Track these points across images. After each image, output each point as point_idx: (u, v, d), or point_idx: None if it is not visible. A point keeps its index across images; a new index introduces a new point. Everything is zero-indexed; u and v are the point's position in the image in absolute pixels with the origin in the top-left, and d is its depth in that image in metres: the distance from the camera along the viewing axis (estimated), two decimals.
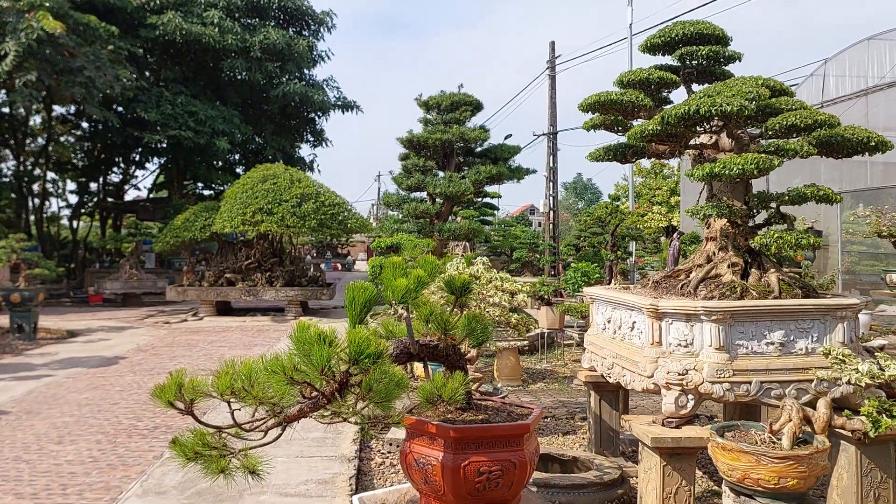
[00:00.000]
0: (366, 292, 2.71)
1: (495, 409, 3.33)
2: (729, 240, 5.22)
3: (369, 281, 17.01)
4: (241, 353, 11.15)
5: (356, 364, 2.31)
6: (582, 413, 7.95)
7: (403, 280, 2.79)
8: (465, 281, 3.06)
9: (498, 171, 13.80)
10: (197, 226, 16.60)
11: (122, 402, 7.75)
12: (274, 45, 22.32)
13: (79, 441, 6.18)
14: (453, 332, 3.01)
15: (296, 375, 2.33)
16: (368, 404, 2.35)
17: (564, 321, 12.63)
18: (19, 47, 15.34)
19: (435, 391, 2.74)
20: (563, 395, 8.86)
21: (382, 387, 2.30)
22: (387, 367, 2.37)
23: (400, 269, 2.87)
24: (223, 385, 2.35)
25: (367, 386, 2.29)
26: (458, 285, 3.06)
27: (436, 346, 3.01)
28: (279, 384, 2.32)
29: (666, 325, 4.73)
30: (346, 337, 2.54)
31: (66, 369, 9.73)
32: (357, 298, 2.71)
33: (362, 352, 2.28)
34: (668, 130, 5.14)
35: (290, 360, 2.37)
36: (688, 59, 6.27)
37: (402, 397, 2.46)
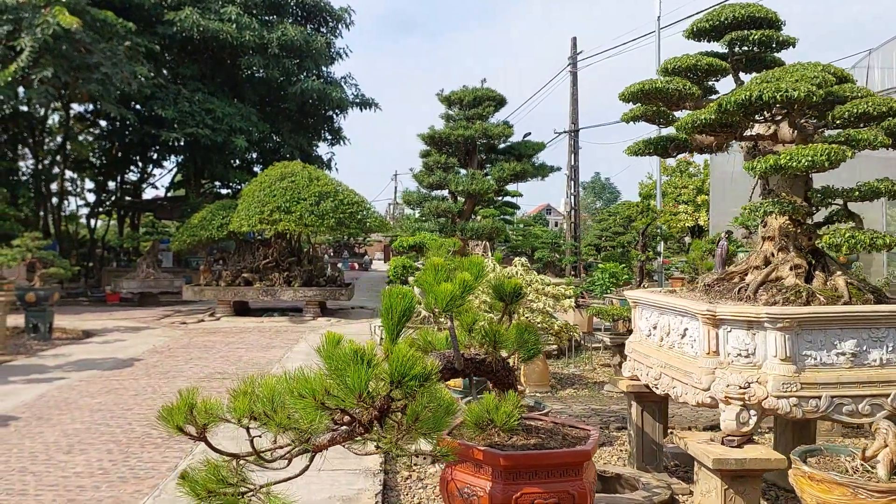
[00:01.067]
0: (404, 299, 2.32)
1: (547, 430, 2.94)
2: (790, 239, 4.78)
3: (389, 281, 16.64)
4: (258, 356, 10.84)
5: (399, 387, 1.93)
6: (617, 422, 7.53)
7: (448, 285, 2.41)
8: (516, 286, 2.67)
9: (522, 169, 13.38)
10: (214, 224, 16.34)
11: (136, 407, 7.43)
12: (292, 42, 22.03)
13: (89, 451, 5.86)
14: (504, 344, 2.62)
15: (328, 401, 1.96)
16: (413, 436, 1.97)
17: (593, 324, 12.20)
18: (35, 43, 15.13)
19: (485, 415, 2.36)
20: (595, 403, 8.44)
21: (431, 415, 1.92)
22: (435, 390, 1.99)
23: (443, 272, 2.48)
24: (241, 408, 2.00)
25: (413, 414, 1.91)
26: (507, 291, 2.67)
27: (482, 360, 2.63)
28: (308, 410, 1.94)
29: (724, 333, 4.31)
30: (385, 353, 2.16)
31: (80, 372, 9.45)
32: (395, 306, 2.33)
33: (407, 372, 1.90)
34: (724, 119, 4.71)
35: (321, 381, 1.99)
36: (737, 45, 5.84)
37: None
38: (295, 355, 10.94)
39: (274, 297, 16.07)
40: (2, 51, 15.66)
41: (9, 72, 15.10)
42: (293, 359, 10.60)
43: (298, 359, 10.57)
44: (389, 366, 1.96)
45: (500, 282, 2.69)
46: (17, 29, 15.67)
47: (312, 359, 8.22)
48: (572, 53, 26.30)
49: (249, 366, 9.99)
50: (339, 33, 26.05)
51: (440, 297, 2.39)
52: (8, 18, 15.61)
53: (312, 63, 23.89)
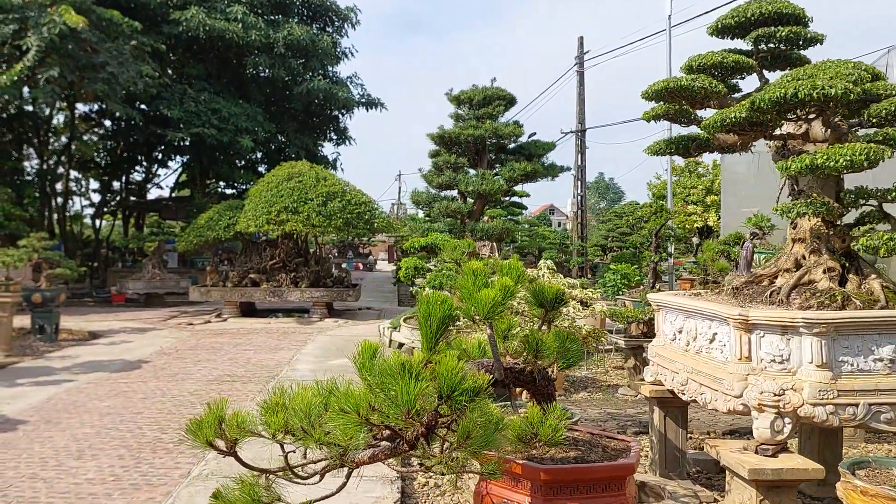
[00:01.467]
0: (443, 306, 2.20)
1: (585, 442, 2.81)
2: (822, 241, 4.65)
3: (396, 282, 16.52)
4: (267, 357, 10.72)
5: (448, 402, 1.80)
6: (634, 427, 7.41)
7: (490, 291, 2.28)
8: (557, 292, 2.54)
9: (533, 169, 13.24)
10: (221, 225, 16.22)
11: (146, 410, 7.32)
12: (298, 42, 21.92)
13: (100, 456, 5.75)
14: (545, 353, 2.49)
15: (372, 417, 1.83)
16: (463, 454, 1.84)
17: (605, 326, 12.05)
18: (41, 42, 15.04)
19: (529, 429, 2.23)
20: (610, 406, 8.31)
21: (482, 432, 1.79)
22: (486, 405, 1.87)
23: (482, 277, 2.36)
24: (276, 423, 1.86)
25: (464, 432, 1.78)
26: (549, 297, 2.54)
27: (522, 370, 2.50)
28: (349, 426, 1.81)
29: (757, 338, 4.18)
30: (423, 363, 2.03)
31: (88, 374, 9.34)
32: (433, 313, 2.21)
33: (456, 386, 1.78)
34: (755, 118, 4.58)
35: (365, 396, 1.86)
36: (763, 42, 5.71)
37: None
38: (304, 357, 10.82)
39: (281, 298, 15.95)
40: (8, 50, 15.57)
41: (15, 71, 15.01)
42: (302, 361, 10.48)
43: (308, 361, 10.46)
44: (438, 379, 1.84)
45: (540, 287, 2.56)
46: (23, 28, 15.58)
47: (321, 362, 8.10)
48: (579, 53, 26.16)
49: (258, 368, 9.88)
50: (345, 33, 25.94)
51: (481, 304, 2.27)
52: (14, 17, 15.53)
53: (318, 63, 23.77)
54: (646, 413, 8.23)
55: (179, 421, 6.90)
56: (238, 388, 8.50)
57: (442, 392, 1.82)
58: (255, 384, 8.77)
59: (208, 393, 8.22)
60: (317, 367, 9.94)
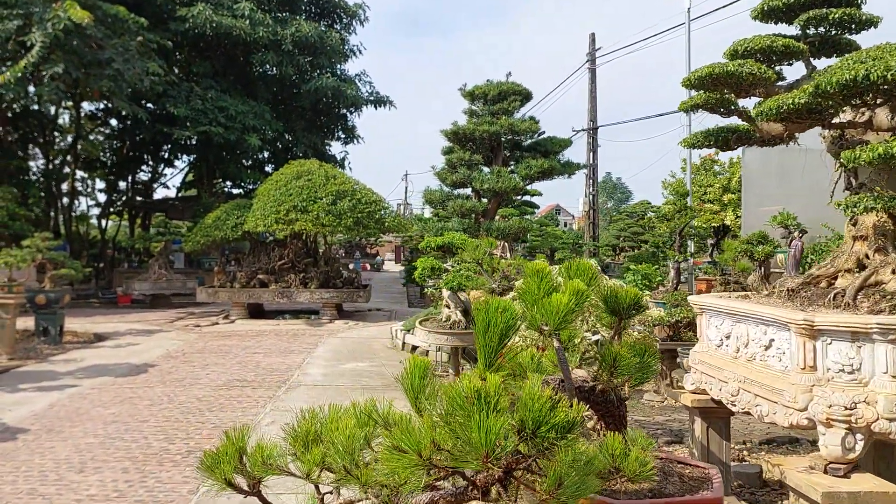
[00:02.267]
0: (505, 315, 1.83)
1: (658, 469, 2.43)
2: (888, 239, 4.26)
3: (404, 283, 16.18)
4: (277, 361, 10.37)
5: (532, 440, 1.44)
6: (665, 436, 7.03)
7: (561, 296, 1.91)
8: (635, 297, 2.17)
9: (550, 166, 12.84)
10: (228, 224, 15.89)
11: (152, 418, 6.97)
12: (306, 39, 21.57)
13: (103, 469, 5.39)
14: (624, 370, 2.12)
15: (437, 458, 1.46)
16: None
17: None
18: (46, 38, 14.73)
19: (609, 461, 1.86)
20: (638, 413, 7.94)
21: (576, 478, 1.43)
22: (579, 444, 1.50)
23: (547, 281, 1.99)
24: (312, 459, 1.50)
25: (554, 479, 1.42)
26: (624, 302, 2.17)
27: (592, 389, 2.14)
28: (407, 468, 1.45)
29: (822, 346, 3.80)
30: (479, 381, 1.66)
31: (92, 378, 9.00)
32: (493, 323, 1.84)
33: (544, 421, 1.41)
34: (815, 104, 4.20)
35: (427, 431, 1.49)
36: (813, 26, 5.34)
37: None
38: (315, 360, 10.47)
39: (290, 299, 15.60)
40: (12, 46, 15.27)
41: (19, 67, 14.70)
42: (313, 364, 10.13)
43: (319, 364, 10.11)
44: (519, 411, 1.47)
45: (614, 291, 2.19)
46: (28, 24, 15.28)
47: (334, 365, 7.71)
48: (591, 50, 25.76)
49: (268, 372, 9.53)
50: (353, 30, 25.58)
51: (551, 312, 1.90)
52: (18, 13, 15.22)
53: (326, 60, 23.42)
54: (675, 421, 7.85)
55: (187, 430, 6.56)
56: (248, 394, 8.15)
57: (526, 427, 1.45)
58: (266, 389, 8.41)
59: (217, 399, 7.87)
60: (329, 371, 9.59)
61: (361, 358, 10.72)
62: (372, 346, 11.99)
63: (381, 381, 8.98)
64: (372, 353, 11.17)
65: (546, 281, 1.98)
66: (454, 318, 8.51)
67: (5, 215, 16.70)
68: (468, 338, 8.46)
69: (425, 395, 1.80)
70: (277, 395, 8.07)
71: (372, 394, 7.04)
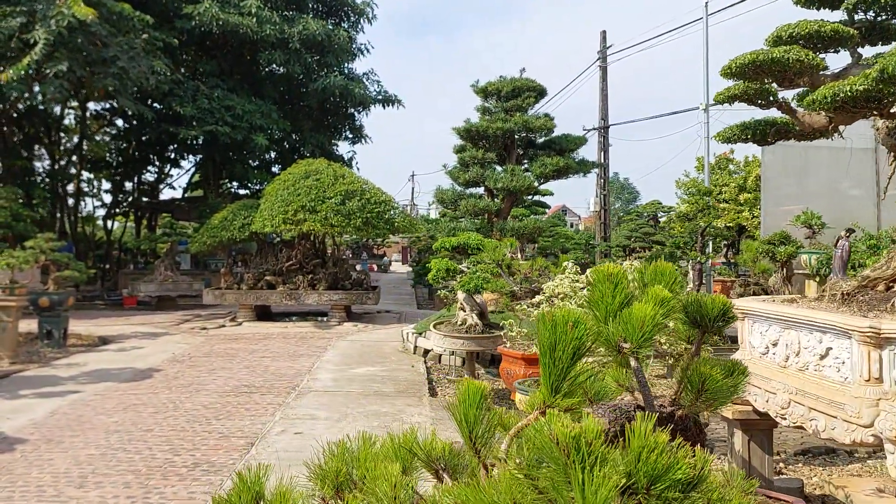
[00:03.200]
0: (577, 330, 1.50)
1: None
2: None
3: (413, 284, 15.82)
4: (286, 366, 10.05)
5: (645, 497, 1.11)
6: None
7: (644, 307, 1.58)
8: (723, 307, 1.83)
9: (565, 164, 12.48)
10: (235, 225, 15.59)
11: (156, 427, 6.66)
12: (313, 37, 21.27)
13: (104, 484, 5.08)
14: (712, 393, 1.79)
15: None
16: None
17: None
18: (49, 35, 14.46)
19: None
20: None
21: None
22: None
23: (621, 288, 1.66)
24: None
25: None
26: (710, 313, 1.83)
27: (670, 415, 1.81)
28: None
29: (890, 356, 3.45)
30: (541, 408, 1.34)
31: (95, 384, 8.70)
32: (561, 340, 1.51)
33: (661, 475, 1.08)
34: (875, 91, 3.86)
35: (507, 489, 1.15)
36: (861, 11, 4.99)
37: None
38: (325, 365, 10.15)
39: (298, 301, 15.28)
40: (15, 44, 15.01)
41: (22, 65, 14.44)
42: (323, 369, 9.81)
43: (329, 369, 9.79)
44: (628, 462, 1.14)
45: (698, 301, 1.86)
46: (31, 21, 15.02)
47: (344, 370, 7.36)
48: (602, 47, 25.40)
49: (276, 377, 9.21)
50: (361, 28, 25.29)
51: (633, 326, 1.58)
52: (21, 10, 14.96)
53: (334, 59, 23.12)
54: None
55: (193, 440, 6.25)
56: (256, 401, 7.83)
57: (639, 483, 1.13)
58: (275, 395, 8.10)
59: (224, 406, 7.56)
60: (339, 377, 9.27)
61: (372, 362, 10.40)
62: (382, 349, 11.66)
63: (393, 387, 8.65)
64: (383, 357, 10.85)
65: (621, 288, 1.65)
66: (470, 322, 8.18)
67: (9, 216, 16.45)
68: (485, 342, 8.13)
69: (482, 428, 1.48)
70: (287, 402, 7.75)
71: (385, 400, 6.71)
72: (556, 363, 1.53)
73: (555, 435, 1.13)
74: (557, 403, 1.55)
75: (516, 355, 5.72)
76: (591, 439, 1.10)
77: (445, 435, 6.72)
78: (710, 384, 1.80)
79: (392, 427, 6.76)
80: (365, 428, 6.69)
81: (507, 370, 5.95)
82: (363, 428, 6.68)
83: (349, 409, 7.41)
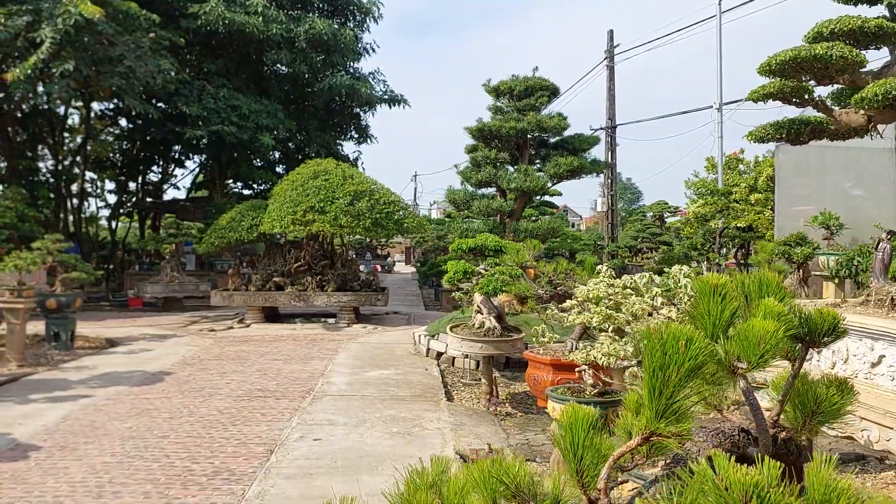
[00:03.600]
0: (692, 349, 1.35)
1: None
2: None
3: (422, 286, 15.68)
4: (298, 369, 9.92)
5: None
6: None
7: (767, 323, 1.43)
8: (833, 320, 1.68)
9: (579, 164, 12.33)
10: (244, 226, 15.43)
11: (172, 433, 6.51)
12: (320, 36, 21.12)
13: (122, 494, 4.94)
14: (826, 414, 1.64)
15: None
16: None
17: None
18: (56, 34, 14.32)
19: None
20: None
21: None
22: None
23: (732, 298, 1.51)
24: None
25: None
26: (819, 327, 1.68)
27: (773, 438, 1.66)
28: None
29: None
30: (640, 438, 1.19)
31: (106, 388, 8.56)
32: (672, 361, 1.36)
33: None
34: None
35: None
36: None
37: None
38: (338, 368, 10.01)
39: (306, 303, 15.13)
40: (21, 43, 14.87)
41: (28, 64, 14.30)
42: (336, 372, 9.67)
43: (342, 372, 9.65)
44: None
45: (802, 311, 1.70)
46: (37, 20, 14.87)
47: (358, 373, 7.21)
48: (609, 47, 25.26)
49: (290, 381, 9.07)
50: (367, 27, 25.12)
51: (751, 344, 1.42)
52: (28, 9, 14.82)
53: (340, 58, 22.96)
54: None
55: (211, 446, 6.11)
56: (271, 405, 7.69)
57: None
58: (290, 400, 7.95)
59: (239, 411, 7.42)
60: (353, 380, 9.13)
61: (385, 365, 10.25)
62: (394, 352, 11.52)
63: (409, 391, 8.50)
64: (395, 360, 10.70)
65: (729, 301, 1.50)
66: (488, 325, 8.03)
67: (15, 217, 16.31)
68: (504, 345, 7.98)
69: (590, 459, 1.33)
70: (303, 407, 7.61)
71: (401, 405, 6.55)
72: (664, 384, 1.38)
73: (726, 481, 0.98)
74: (665, 429, 1.40)
75: (544, 361, 5.57)
76: (769, 488, 0.96)
77: (466, 441, 6.57)
78: (826, 406, 1.66)
79: (412, 433, 6.62)
80: (384, 434, 6.56)
81: (533, 376, 5.80)
82: (382, 434, 6.55)
83: (366, 415, 7.27)
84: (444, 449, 6.06)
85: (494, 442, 6.29)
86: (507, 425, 7.38)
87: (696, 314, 1.54)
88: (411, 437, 6.48)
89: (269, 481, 5.17)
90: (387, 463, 5.62)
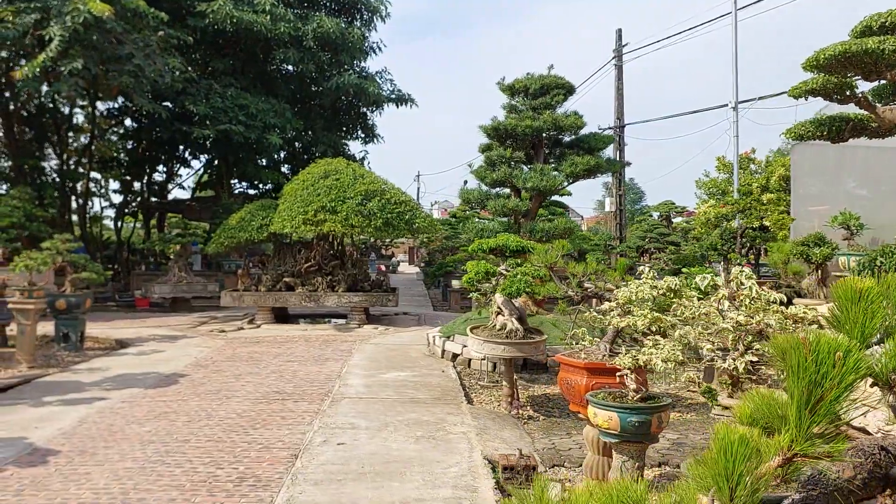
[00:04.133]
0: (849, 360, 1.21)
1: None
2: None
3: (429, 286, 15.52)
4: (314, 370, 9.78)
5: None
6: None
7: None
8: None
9: (596, 163, 12.19)
10: (253, 226, 15.29)
11: (193, 438, 6.37)
12: (328, 35, 21.00)
13: (148, 501, 4.79)
14: None
15: None
16: None
17: None
18: (65, 32, 14.19)
19: None
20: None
21: None
22: None
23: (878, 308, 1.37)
24: None
25: None
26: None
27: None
28: None
29: None
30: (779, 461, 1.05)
31: (121, 390, 8.42)
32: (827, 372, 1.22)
33: None
34: None
35: None
36: None
37: None
38: (353, 369, 9.87)
39: (317, 303, 14.99)
40: (29, 41, 14.74)
41: (37, 62, 14.17)
42: (352, 374, 9.53)
43: (358, 374, 9.51)
44: None
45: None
46: (46, 18, 14.74)
47: (374, 375, 7.07)
48: (617, 46, 25.12)
49: (307, 383, 8.93)
50: (374, 26, 25.00)
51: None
52: (36, 7, 14.69)
53: (347, 57, 22.84)
54: None
55: (234, 451, 5.97)
56: (290, 408, 7.55)
57: None
58: (309, 403, 7.81)
59: (259, 414, 7.28)
60: (371, 382, 8.99)
61: (401, 367, 10.12)
62: (409, 353, 11.38)
63: (428, 394, 8.37)
64: (411, 362, 10.57)
65: (875, 308, 1.36)
66: (510, 327, 7.89)
67: (22, 216, 16.20)
68: (527, 348, 7.84)
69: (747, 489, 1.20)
70: (323, 410, 7.47)
71: (422, 408, 6.40)
72: (813, 396, 1.25)
73: None
74: (812, 450, 1.27)
75: (578, 364, 5.43)
76: None
77: (493, 446, 6.41)
78: None
79: (437, 437, 6.48)
80: (408, 438, 6.42)
81: (566, 380, 5.65)
82: (406, 438, 6.41)
83: (388, 418, 7.13)
84: (472, 454, 5.92)
85: (522, 447, 6.15)
86: (530, 429, 7.24)
87: (839, 322, 1.40)
88: (436, 441, 6.34)
89: (296, 488, 5.03)
90: (415, 469, 5.48)
